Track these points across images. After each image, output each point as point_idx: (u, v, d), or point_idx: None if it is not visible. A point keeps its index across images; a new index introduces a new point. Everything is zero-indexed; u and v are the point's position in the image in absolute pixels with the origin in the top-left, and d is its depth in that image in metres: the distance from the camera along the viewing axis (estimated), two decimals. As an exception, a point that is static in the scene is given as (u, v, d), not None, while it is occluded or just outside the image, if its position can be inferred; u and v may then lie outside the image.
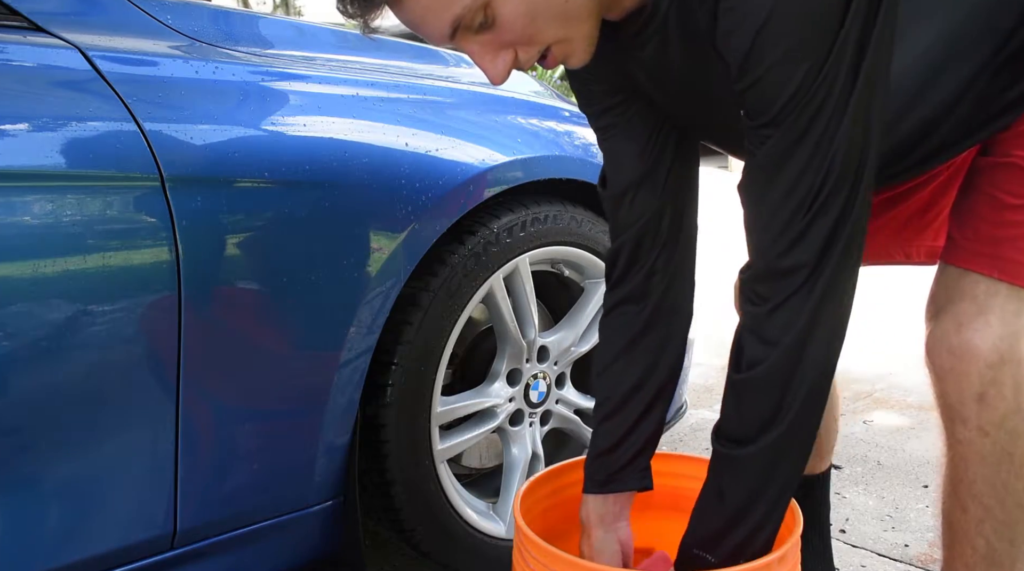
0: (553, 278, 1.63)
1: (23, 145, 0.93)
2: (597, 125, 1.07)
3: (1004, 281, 0.97)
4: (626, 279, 1.08)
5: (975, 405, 0.97)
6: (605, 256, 1.12)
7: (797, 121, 0.79)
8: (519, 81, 1.76)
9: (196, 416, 1.06)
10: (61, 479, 0.98)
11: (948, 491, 1.05)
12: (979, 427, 0.98)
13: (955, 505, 1.04)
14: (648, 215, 1.05)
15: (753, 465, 0.88)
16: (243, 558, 1.16)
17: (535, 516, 1.09)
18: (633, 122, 1.04)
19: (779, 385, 0.85)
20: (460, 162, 1.32)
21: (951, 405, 1.00)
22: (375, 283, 1.21)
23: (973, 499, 1.02)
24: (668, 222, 1.06)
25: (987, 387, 0.96)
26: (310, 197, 1.14)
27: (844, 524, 1.75)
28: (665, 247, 1.07)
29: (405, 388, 1.30)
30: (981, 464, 1.00)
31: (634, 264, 1.08)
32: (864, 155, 0.81)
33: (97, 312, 0.96)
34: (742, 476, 0.88)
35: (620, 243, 1.08)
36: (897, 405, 2.48)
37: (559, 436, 1.69)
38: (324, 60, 1.34)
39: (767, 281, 0.85)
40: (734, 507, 0.89)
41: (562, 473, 1.19)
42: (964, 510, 1.03)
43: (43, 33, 1.02)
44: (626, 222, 1.07)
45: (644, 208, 1.05)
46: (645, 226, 1.06)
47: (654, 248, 1.07)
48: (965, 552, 1.05)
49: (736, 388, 0.88)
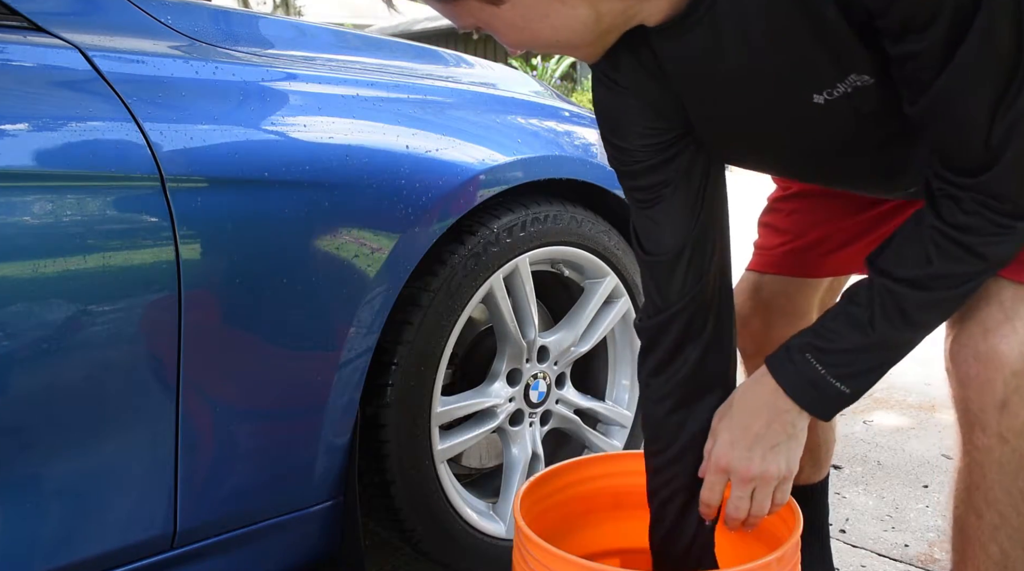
0: (553, 278, 1.63)
1: (23, 145, 0.93)
2: (641, 184, 0.99)
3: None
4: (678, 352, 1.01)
5: (997, 412, 0.96)
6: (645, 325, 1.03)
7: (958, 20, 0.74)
8: (519, 81, 1.76)
9: (196, 416, 1.06)
10: (61, 479, 0.98)
11: (962, 497, 1.04)
12: (999, 434, 0.97)
13: (969, 511, 1.03)
14: (704, 277, 0.99)
15: (921, 310, 0.87)
16: (243, 558, 1.16)
17: (535, 516, 1.09)
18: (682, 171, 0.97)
19: (978, 256, 0.85)
20: (460, 162, 1.32)
21: (972, 411, 0.98)
22: (375, 283, 1.21)
23: (989, 506, 1.01)
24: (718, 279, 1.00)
25: (1011, 395, 0.95)
26: (310, 197, 1.14)
27: (844, 524, 1.75)
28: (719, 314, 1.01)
29: (405, 388, 1.30)
30: (999, 471, 0.98)
31: (689, 337, 1.01)
32: None
33: (97, 312, 0.96)
34: (912, 311, 0.87)
35: (671, 314, 1.00)
36: (897, 405, 2.48)
37: (559, 436, 1.69)
38: (324, 60, 1.34)
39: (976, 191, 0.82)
40: (879, 337, 0.88)
41: (562, 473, 1.19)
42: (979, 516, 1.02)
43: (43, 33, 1.02)
44: (681, 289, 0.99)
45: (700, 269, 0.99)
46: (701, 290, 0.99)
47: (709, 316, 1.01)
48: (978, 558, 1.04)
49: (932, 239, 0.85)
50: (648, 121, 0.96)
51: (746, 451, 0.94)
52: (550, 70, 15.05)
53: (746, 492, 0.96)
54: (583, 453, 1.65)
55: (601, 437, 1.67)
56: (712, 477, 0.98)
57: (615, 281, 1.62)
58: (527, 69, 14.52)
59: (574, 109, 1.70)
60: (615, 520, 1.23)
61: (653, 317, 1.02)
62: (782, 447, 0.94)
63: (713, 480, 0.98)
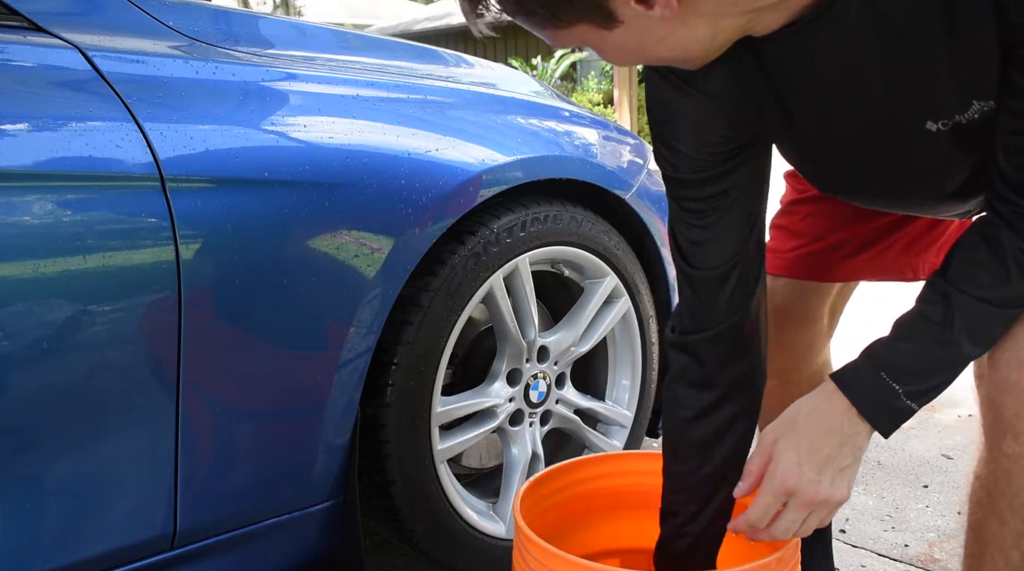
0: (553, 278, 1.63)
1: (23, 145, 0.93)
2: (698, 194, 0.94)
3: None
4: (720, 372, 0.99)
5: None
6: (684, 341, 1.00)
7: None
8: (519, 81, 1.76)
9: (196, 416, 1.06)
10: (61, 479, 0.98)
11: (983, 502, 1.03)
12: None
13: (991, 517, 1.02)
14: (752, 297, 0.97)
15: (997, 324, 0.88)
16: (243, 558, 1.16)
17: (535, 516, 1.09)
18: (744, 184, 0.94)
19: None
20: (460, 162, 1.32)
21: (1006, 417, 0.96)
22: (375, 283, 1.21)
23: (1014, 513, 0.99)
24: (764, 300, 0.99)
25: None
26: (310, 197, 1.14)
27: (844, 524, 1.75)
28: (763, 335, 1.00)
29: (405, 388, 1.30)
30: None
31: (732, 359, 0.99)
32: None
33: (97, 312, 0.96)
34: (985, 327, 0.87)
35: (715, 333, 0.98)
36: (897, 405, 2.48)
37: (559, 436, 1.69)
38: (324, 60, 1.34)
39: None
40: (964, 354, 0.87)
41: (562, 473, 1.19)
42: (1002, 523, 1.01)
43: (43, 33, 1.02)
44: (727, 308, 0.97)
45: (747, 289, 0.96)
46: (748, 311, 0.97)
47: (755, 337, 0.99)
48: (996, 564, 1.03)
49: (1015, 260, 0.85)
50: (723, 127, 0.92)
51: (815, 474, 0.89)
52: (550, 70, 15.05)
53: (803, 515, 0.92)
54: (583, 453, 1.65)
55: (601, 437, 1.67)
56: (770, 499, 0.92)
57: (615, 281, 1.62)
58: (527, 69, 14.52)
59: (574, 109, 1.70)
60: (615, 520, 1.23)
61: (693, 334, 1.00)
62: (848, 470, 0.90)
63: (771, 502, 0.92)
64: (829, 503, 0.91)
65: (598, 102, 14.69)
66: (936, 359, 0.88)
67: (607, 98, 14.93)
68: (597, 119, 1.73)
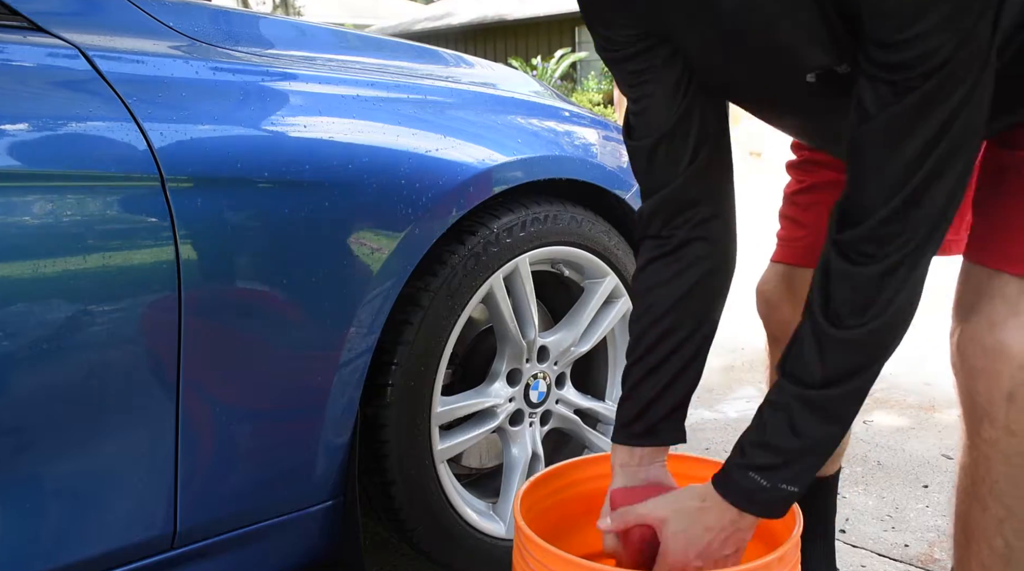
0: (553, 278, 1.63)
1: (23, 145, 0.93)
2: (624, 69, 1.03)
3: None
4: (665, 235, 1.07)
5: (1004, 404, 0.98)
6: (638, 212, 1.10)
7: (943, 87, 0.79)
8: (519, 81, 1.76)
9: (196, 416, 1.06)
10: (61, 479, 0.98)
11: (967, 490, 1.05)
12: (1006, 427, 0.98)
13: (974, 504, 1.04)
14: (684, 166, 1.03)
15: (832, 406, 0.91)
16: (243, 558, 1.16)
17: (535, 516, 1.09)
18: (662, 67, 1.01)
19: (876, 345, 0.88)
20: (460, 162, 1.32)
21: (980, 404, 1.00)
22: (375, 283, 1.21)
23: (995, 499, 1.02)
24: (709, 172, 1.04)
25: (1017, 387, 0.97)
26: (310, 197, 1.14)
27: (844, 524, 1.75)
28: (705, 201, 1.05)
29: (405, 388, 1.30)
30: (1006, 464, 1.00)
31: (674, 219, 1.06)
32: (978, 129, 0.83)
33: (97, 312, 0.96)
34: (818, 415, 0.91)
35: (660, 200, 1.05)
36: (897, 405, 2.48)
37: (559, 436, 1.69)
38: (324, 60, 1.34)
39: (873, 241, 0.86)
40: (808, 440, 0.91)
41: (562, 473, 1.19)
42: (984, 509, 1.03)
43: (43, 33, 1.02)
44: (662, 176, 1.04)
45: (679, 158, 1.03)
46: (684, 178, 1.04)
47: (695, 202, 1.05)
48: (982, 551, 1.05)
49: (823, 340, 0.89)
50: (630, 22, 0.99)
51: (699, 559, 0.97)
52: (550, 70, 15.05)
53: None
54: (583, 453, 1.65)
55: (601, 437, 1.67)
56: None
57: (615, 281, 1.62)
58: (527, 69, 14.52)
59: (574, 109, 1.70)
60: (615, 520, 1.23)
61: (646, 201, 1.07)
62: (731, 558, 0.98)
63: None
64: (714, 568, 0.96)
65: (598, 102, 14.69)
66: (796, 447, 0.92)
67: (607, 98, 14.94)
68: (597, 119, 1.73)
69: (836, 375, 0.89)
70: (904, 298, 0.87)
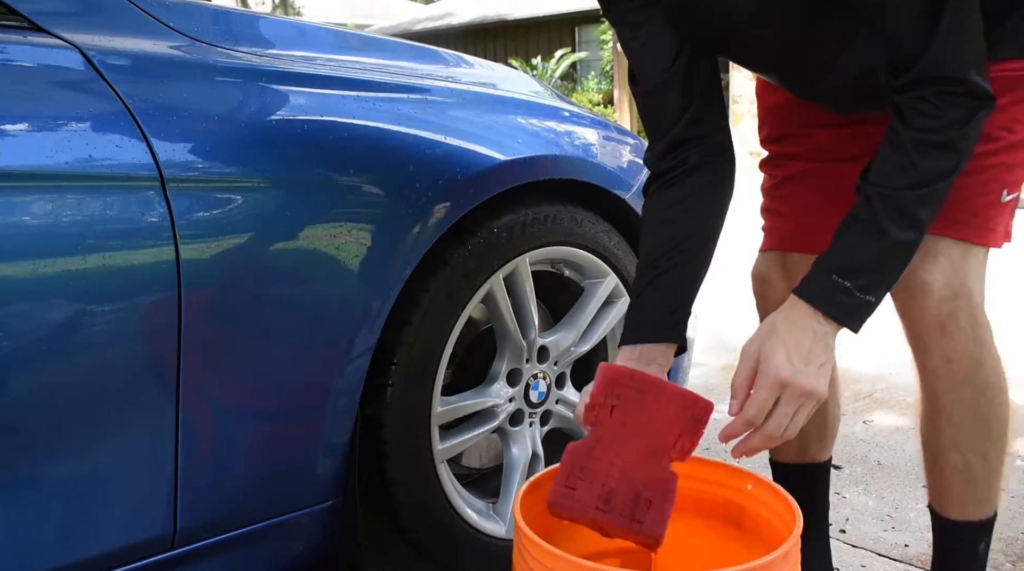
0: (553, 278, 1.63)
1: (23, 145, 0.93)
2: (626, 21, 1.13)
3: (945, 235, 1.12)
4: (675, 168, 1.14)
5: (938, 335, 1.13)
6: (646, 157, 1.20)
7: None
8: (519, 81, 1.76)
9: (196, 416, 1.06)
10: (61, 479, 0.98)
11: (926, 418, 1.20)
12: (943, 355, 1.14)
13: (931, 429, 1.20)
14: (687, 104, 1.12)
15: (915, 208, 0.98)
16: (243, 558, 1.16)
17: (535, 516, 1.09)
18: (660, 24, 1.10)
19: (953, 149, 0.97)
20: (460, 162, 1.32)
21: (918, 337, 1.16)
22: (375, 283, 1.21)
23: (947, 421, 1.17)
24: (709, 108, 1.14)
25: (945, 320, 1.12)
26: (310, 197, 1.14)
27: (844, 524, 1.75)
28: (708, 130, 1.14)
29: (405, 388, 1.30)
30: (949, 388, 1.15)
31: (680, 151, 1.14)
32: None
33: (97, 312, 0.97)
34: (902, 218, 0.97)
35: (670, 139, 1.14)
36: (897, 405, 2.48)
37: (559, 436, 1.69)
38: (324, 60, 1.34)
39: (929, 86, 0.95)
40: (889, 243, 0.98)
41: (562, 473, 1.19)
42: (939, 432, 1.19)
43: (43, 33, 1.02)
44: (670, 117, 1.13)
45: (683, 103, 1.12)
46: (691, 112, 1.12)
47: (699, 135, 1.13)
48: (944, 471, 1.20)
49: (912, 146, 0.96)
50: None
51: (804, 365, 0.97)
52: (550, 70, 15.05)
53: (792, 409, 0.98)
54: (583, 453, 1.64)
55: (601, 437, 1.67)
56: (766, 393, 0.98)
57: (615, 281, 1.62)
58: (527, 69, 14.52)
59: (574, 109, 1.70)
60: (615, 520, 1.23)
61: (653, 146, 1.16)
62: (825, 367, 0.99)
63: (767, 396, 0.98)
64: (814, 396, 0.98)
65: (598, 102, 14.70)
66: (874, 251, 0.98)
67: (607, 98, 14.95)
68: (597, 119, 1.73)
69: (921, 179, 0.97)
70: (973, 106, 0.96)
